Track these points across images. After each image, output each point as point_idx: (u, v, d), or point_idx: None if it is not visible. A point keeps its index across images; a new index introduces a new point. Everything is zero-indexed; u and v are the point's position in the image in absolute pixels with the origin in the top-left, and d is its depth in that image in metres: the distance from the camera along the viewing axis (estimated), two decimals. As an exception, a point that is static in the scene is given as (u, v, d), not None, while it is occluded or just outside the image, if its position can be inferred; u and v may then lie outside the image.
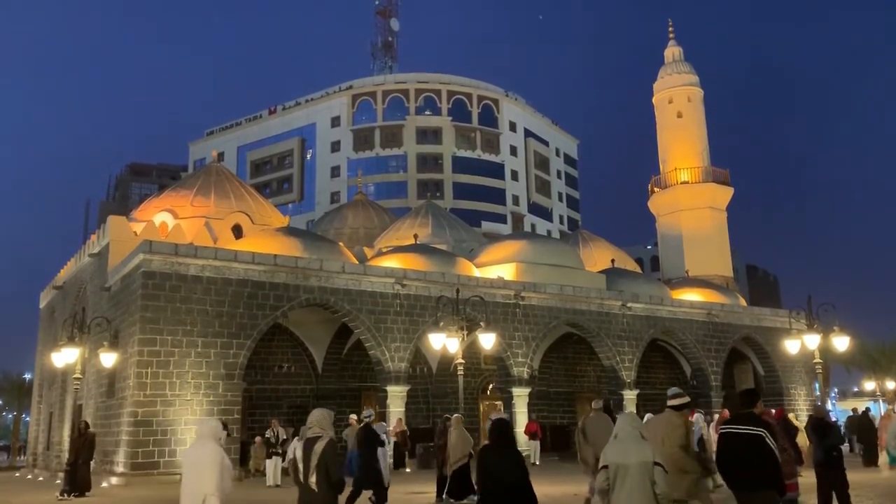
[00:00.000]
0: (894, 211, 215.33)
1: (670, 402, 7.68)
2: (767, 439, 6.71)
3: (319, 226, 43.18)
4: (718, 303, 35.21)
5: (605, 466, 6.13)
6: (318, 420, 6.35)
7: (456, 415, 15.29)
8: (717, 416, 21.66)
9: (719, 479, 10.61)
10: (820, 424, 11.45)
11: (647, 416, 13.44)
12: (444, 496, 14.54)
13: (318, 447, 6.07)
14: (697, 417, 18.34)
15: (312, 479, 5.99)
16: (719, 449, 7.03)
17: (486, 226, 61.77)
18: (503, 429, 7.20)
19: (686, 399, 7.85)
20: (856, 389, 59.76)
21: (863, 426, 23.42)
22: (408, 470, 24.07)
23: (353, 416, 21.59)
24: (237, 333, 22.35)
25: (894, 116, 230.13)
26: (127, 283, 23.05)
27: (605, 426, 12.77)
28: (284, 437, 20.93)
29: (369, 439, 13.50)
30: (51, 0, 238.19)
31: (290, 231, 29.42)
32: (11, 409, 63.74)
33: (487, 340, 19.42)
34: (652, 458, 5.97)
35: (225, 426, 14.34)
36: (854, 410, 28.00)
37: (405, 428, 24.68)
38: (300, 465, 6.13)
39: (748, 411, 7.14)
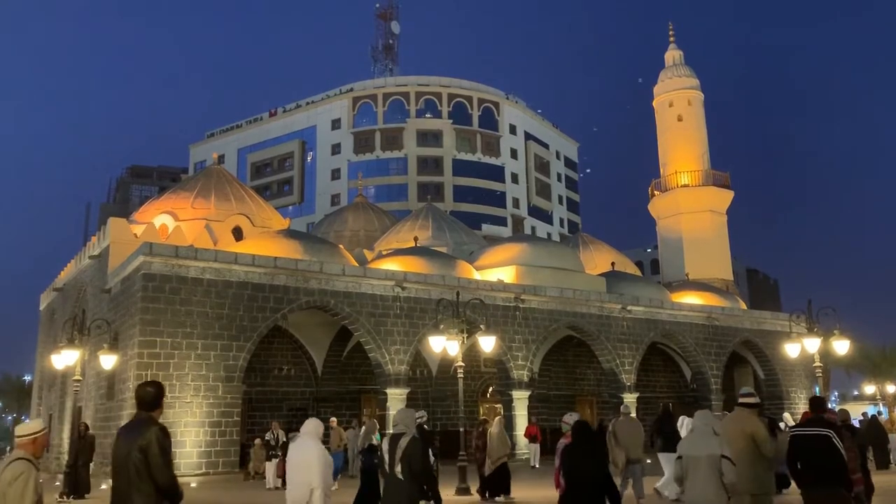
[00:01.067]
0: (895, 214, 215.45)
1: (744, 401, 8.00)
2: (834, 439, 7.15)
3: (319, 228, 43.18)
4: (718, 306, 35.20)
5: (680, 457, 6.85)
6: (402, 419, 7.25)
7: (498, 416, 16.35)
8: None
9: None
10: (846, 427, 11.92)
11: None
12: (485, 494, 15.38)
13: (403, 442, 6.94)
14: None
15: (397, 469, 6.89)
16: (790, 450, 7.44)
17: (487, 228, 61.74)
18: (586, 429, 7.87)
19: (758, 399, 8.21)
20: (856, 393, 59.75)
21: (873, 430, 23.42)
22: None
23: (334, 419, 21.62)
24: (237, 336, 22.36)
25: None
26: (127, 285, 23.06)
27: (634, 429, 13.73)
28: (284, 439, 20.88)
29: (424, 440, 14.08)
30: (51, 2, 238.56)
31: (290, 233, 29.43)
32: (11, 411, 63.77)
33: (487, 343, 19.39)
34: (720, 452, 6.56)
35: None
36: (864, 415, 28.00)
37: None
38: (386, 458, 7.00)
39: (817, 415, 7.61)
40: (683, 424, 15.79)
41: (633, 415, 18.32)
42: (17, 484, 4.76)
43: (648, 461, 14.17)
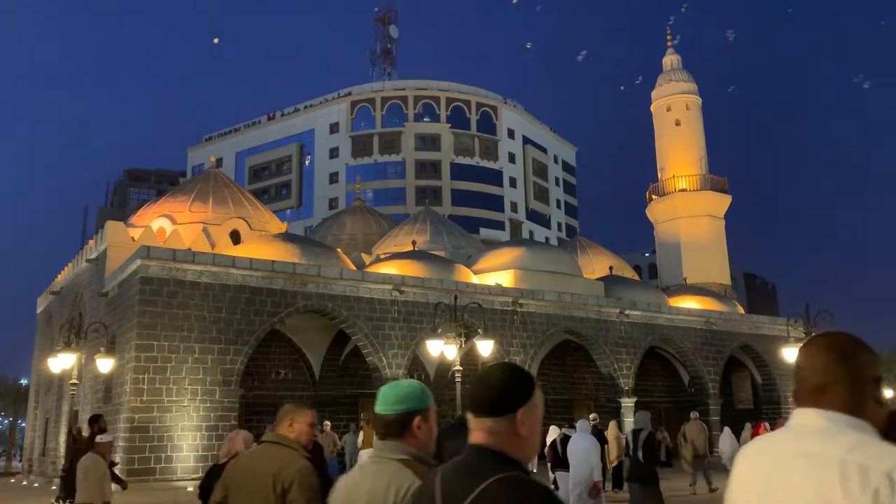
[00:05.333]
0: (893, 219, 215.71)
1: None
2: None
3: (317, 232, 43.11)
4: (716, 310, 35.19)
5: None
6: (642, 419, 10.66)
7: (613, 421, 19.39)
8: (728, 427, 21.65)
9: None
10: None
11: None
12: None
13: (642, 435, 10.22)
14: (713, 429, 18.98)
15: (640, 454, 10.12)
16: None
17: (485, 232, 61.70)
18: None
19: None
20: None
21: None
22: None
23: (328, 423, 21.66)
24: (234, 339, 22.31)
25: (895, 123, 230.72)
26: (124, 288, 23.01)
27: (700, 430, 17.87)
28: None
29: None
30: (49, 7, 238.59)
31: (287, 237, 29.39)
32: (7, 415, 63.63)
33: (485, 347, 19.40)
34: None
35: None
36: None
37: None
38: (631, 445, 10.36)
39: None
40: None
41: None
42: None
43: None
